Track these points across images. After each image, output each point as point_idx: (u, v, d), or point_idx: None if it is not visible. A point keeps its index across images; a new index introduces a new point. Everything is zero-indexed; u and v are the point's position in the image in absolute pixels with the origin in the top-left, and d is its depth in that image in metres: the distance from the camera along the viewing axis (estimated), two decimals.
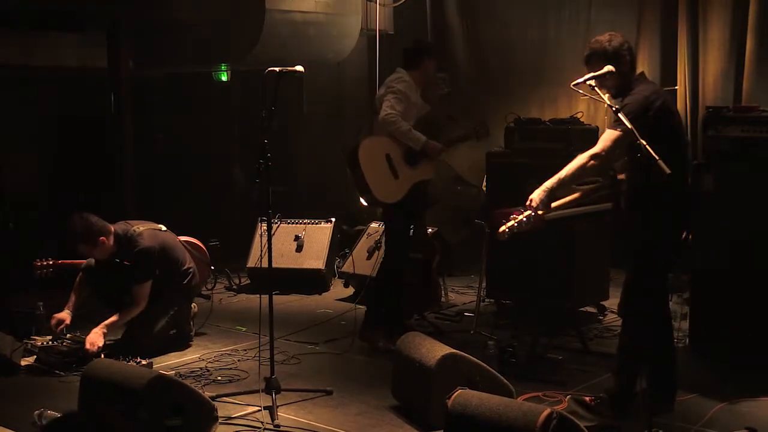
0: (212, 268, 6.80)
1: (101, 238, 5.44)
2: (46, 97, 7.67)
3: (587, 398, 4.45)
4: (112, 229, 5.53)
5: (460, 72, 8.80)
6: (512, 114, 6.68)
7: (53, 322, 5.51)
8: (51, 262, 5.95)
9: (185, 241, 6.10)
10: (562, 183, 4.25)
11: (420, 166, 5.75)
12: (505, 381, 4.39)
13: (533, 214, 4.25)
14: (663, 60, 7.30)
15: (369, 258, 6.99)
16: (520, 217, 4.26)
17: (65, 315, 5.56)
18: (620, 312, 4.64)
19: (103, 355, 5.22)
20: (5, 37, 7.37)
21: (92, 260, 5.72)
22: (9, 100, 7.47)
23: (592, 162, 4.18)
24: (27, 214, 7.44)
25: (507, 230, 4.30)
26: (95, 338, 5.33)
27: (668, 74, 7.13)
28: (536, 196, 4.26)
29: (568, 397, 4.52)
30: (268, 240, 4.84)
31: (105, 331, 5.40)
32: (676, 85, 4.61)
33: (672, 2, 7.30)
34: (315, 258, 7.50)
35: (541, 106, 8.12)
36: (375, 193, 5.71)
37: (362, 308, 6.00)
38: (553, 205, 4.46)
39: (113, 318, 5.47)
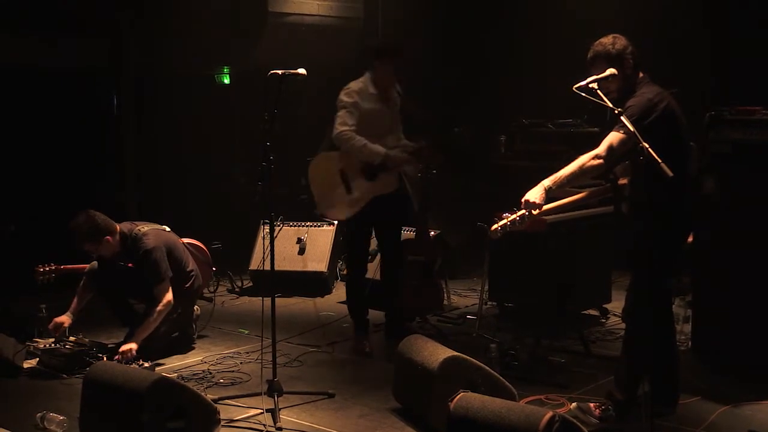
0: (214, 269, 6.80)
1: (106, 237, 5.43)
2: (49, 98, 7.68)
3: (591, 404, 4.45)
4: (118, 228, 5.53)
5: None
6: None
7: (51, 326, 5.50)
8: (53, 268, 5.93)
9: (187, 243, 6.10)
10: (560, 183, 4.19)
11: (380, 179, 5.61)
12: (508, 384, 4.38)
13: (527, 213, 4.22)
14: None
15: (371, 261, 6.99)
16: (513, 216, 4.23)
17: (65, 318, 5.55)
18: (624, 317, 4.63)
19: (105, 358, 5.22)
20: (9, 38, 7.38)
21: (95, 264, 5.72)
22: (13, 101, 7.48)
23: (593, 163, 4.15)
24: (29, 216, 7.45)
25: (499, 228, 4.27)
26: (127, 347, 5.31)
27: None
28: (531, 195, 4.23)
29: (573, 404, 4.51)
30: (270, 242, 4.84)
31: (139, 341, 5.36)
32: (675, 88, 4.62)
33: None
34: (317, 260, 7.50)
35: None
36: (322, 210, 5.78)
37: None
38: (555, 205, 4.45)
39: (142, 326, 5.41)
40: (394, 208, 5.76)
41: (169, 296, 5.49)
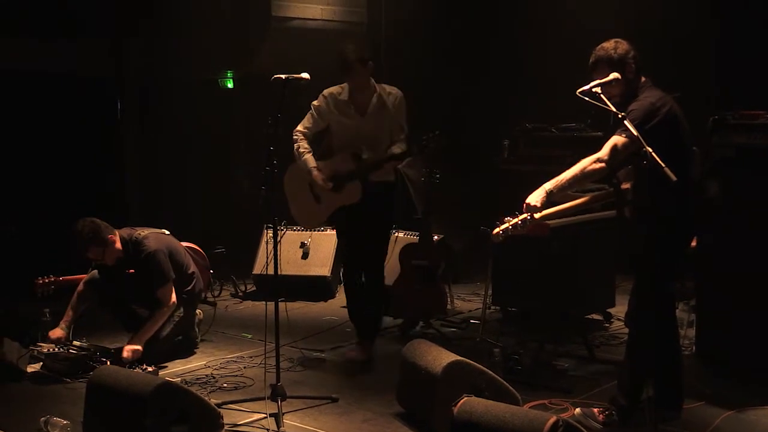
0: (212, 272, 6.82)
1: (110, 236, 5.45)
2: (52, 102, 7.69)
3: (595, 409, 4.44)
4: (117, 233, 5.55)
5: None
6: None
7: (51, 341, 5.51)
8: (52, 280, 5.95)
9: (185, 246, 6.11)
10: (561, 187, 4.21)
11: (344, 189, 5.50)
12: (511, 388, 4.38)
13: (529, 216, 4.23)
14: None
15: None
16: (515, 219, 4.25)
17: (61, 333, 5.55)
18: (627, 321, 4.62)
19: (109, 362, 5.22)
20: (10, 41, 7.40)
21: (95, 273, 5.72)
22: (15, 105, 7.50)
23: (595, 166, 4.15)
24: (32, 219, 7.46)
25: (501, 232, 4.28)
26: (132, 347, 5.34)
27: None
28: (532, 198, 4.24)
29: (577, 409, 4.50)
30: (273, 247, 4.84)
31: (140, 346, 5.37)
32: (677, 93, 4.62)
33: None
34: (321, 265, 7.50)
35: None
36: (296, 218, 5.86)
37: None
38: (557, 209, 4.45)
39: (145, 328, 5.45)
40: (363, 219, 5.55)
41: (173, 297, 5.53)
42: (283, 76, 4.78)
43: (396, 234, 7.16)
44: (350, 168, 5.48)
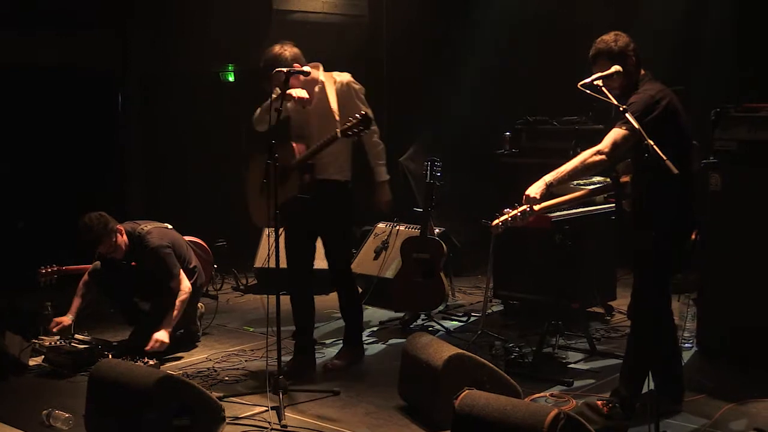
0: (215, 266, 6.80)
1: (118, 226, 5.48)
2: (55, 96, 7.69)
3: (598, 402, 4.44)
4: (122, 226, 5.57)
5: None
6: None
7: (54, 327, 5.53)
8: (55, 269, 5.96)
9: (189, 240, 6.12)
10: (561, 179, 4.21)
11: (288, 181, 5.05)
12: (512, 381, 4.38)
13: (529, 209, 4.23)
14: None
15: (376, 258, 6.99)
16: (515, 211, 4.25)
17: (66, 319, 5.58)
18: (629, 314, 4.62)
19: (110, 355, 5.23)
20: (15, 36, 7.40)
21: (98, 264, 5.73)
22: (19, 99, 7.49)
23: (595, 159, 4.14)
24: (36, 213, 7.47)
25: (500, 224, 4.29)
26: (162, 337, 5.36)
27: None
28: (531, 190, 4.23)
29: (579, 402, 4.50)
30: (275, 240, 4.84)
31: (170, 330, 5.41)
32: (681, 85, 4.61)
33: None
34: (322, 258, 7.40)
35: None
36: (253, 217, 5.37)
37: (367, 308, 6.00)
38: (557, 201, 4.45)
39: (168, 318, 5.45)
40: (309, 221, 5.27)
41: (186, 283, 5.59)
42: (284, 70, 4.77)
43: (398, 227, 7.17)
44: (288, 160, 5.10)
